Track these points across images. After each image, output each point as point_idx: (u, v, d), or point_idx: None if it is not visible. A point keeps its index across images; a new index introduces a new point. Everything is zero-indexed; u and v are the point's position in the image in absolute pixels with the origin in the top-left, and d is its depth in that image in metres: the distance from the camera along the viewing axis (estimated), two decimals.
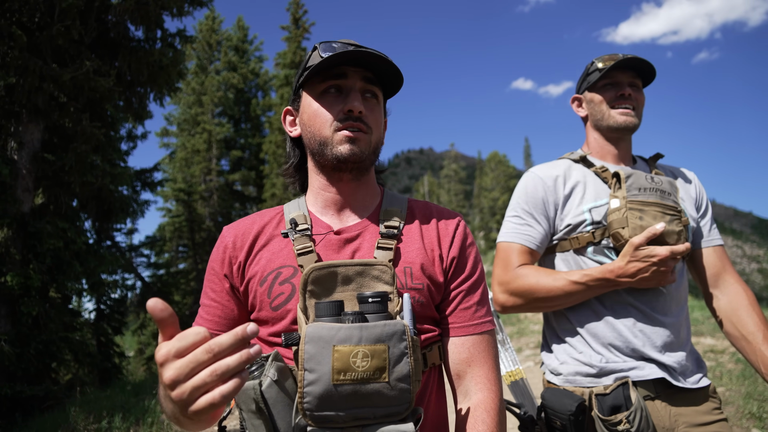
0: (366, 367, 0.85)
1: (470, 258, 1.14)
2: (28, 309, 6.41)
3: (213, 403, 0.68)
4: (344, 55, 1.02)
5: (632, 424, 1.31)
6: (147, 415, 5.40)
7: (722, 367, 6.20)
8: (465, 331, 1.08)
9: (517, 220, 1.64)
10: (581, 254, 1.58)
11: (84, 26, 6.84)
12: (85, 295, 10.14)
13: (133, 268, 13.46)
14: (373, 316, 0.91)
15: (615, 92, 1.65)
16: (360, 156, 1.06)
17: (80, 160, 7.07)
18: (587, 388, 1.49)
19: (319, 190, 1.15)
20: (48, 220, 6.96)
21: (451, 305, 1.10)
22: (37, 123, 6.88)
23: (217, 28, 23.43)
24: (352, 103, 1.05)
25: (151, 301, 0.69)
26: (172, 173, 20.86)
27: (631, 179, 1.52)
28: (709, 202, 1.72)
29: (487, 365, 1.08)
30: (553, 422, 1.42)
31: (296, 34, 20.87)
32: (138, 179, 12.43)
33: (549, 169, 1.67)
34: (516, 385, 1.53)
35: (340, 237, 1.09)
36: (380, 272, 1.01)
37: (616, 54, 1.65)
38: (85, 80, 6.65)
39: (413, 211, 1.17)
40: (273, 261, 1.06)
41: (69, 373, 8.39)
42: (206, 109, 21.36)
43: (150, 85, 8.12)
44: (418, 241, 1.10)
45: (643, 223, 1.45)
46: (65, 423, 5.16)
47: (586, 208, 1.58)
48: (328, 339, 0.86)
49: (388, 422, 0.89)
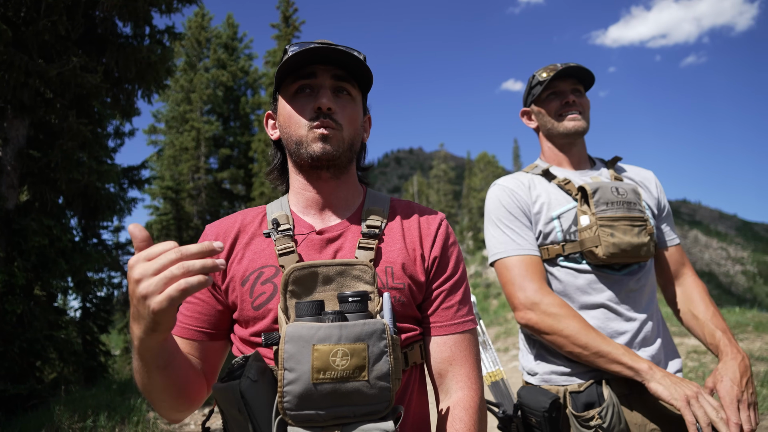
0: (345, 366, 0.86)
1: (452, 257, 1.16)
2: (12, 307, 6.34)
3: (180, 291, 0.75)
4: (309, 52, 1.04)
5: (604, 419, 1.36)
6: (132, 414, 5.38)
7: (705, 367, 6.32)
8: (447, 330, 1.10)
9: (508, 231, 1.66)
10: (552, 265, 1.64)
11: (71, 22, 6.78)
12: (71, 293, 10.04)
13: (120, 266, 13.31)
14: (353, 315, 0.92)
15: (560, 101, 1.72)
16: (333, 153, 1.08)
17: (66, 156, 7.01)
18: (562, 387, 1.54)
19: (300, 190, 1.17)
20: (33, 218, 6.89)
21: (433, 305, 1.11)
22: (23, 119, 6.81)
23: (207, 25, 23.30)
24: (320, 100, 1.06)
25: (131, 225, 0.78)
26: (160, 171, 20.72)
27: (597, 194, 1.57)
28: (666, 200, 1.79)
29: (468, 364, 1.10)
30: (529, 419, 1.46)
31: (286, 32, 20.81)
32: (125, 177, 12.31)
33: (514, 180, 1.74)
34: (496, 386, 1.57)
35: (322, 237, 1.10)
36: (361, 272, 1.02)
37: (555, 64, 1.73)
38: (72, 76, 6.58)
39: (395, 211, 1.18)
40: (255, 261, 1.08)
41: (54, 371, 8.30)
42: (195, 106, 21.24)
43: (138, 82, 8.06)
44: (399, 241, 1.11)
45: (614, 240, 1.51)
46: (49, 422, 5.11)
47: (555, 214, 1.63)
48: (307, 338, 0.86)
49: (368, 421, 0.89)
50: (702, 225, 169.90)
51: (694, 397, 1.31)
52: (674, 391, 1.33)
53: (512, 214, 1.66)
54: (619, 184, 1.62)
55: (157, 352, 0.90)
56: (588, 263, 1.60)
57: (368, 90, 1.20)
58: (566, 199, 1.65)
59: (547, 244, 1.64)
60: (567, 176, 1.72)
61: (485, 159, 50.93)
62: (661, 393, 1.35)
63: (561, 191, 1.67)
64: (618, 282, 1.59)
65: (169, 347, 0.95)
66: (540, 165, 1.80)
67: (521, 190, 1.69)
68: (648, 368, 1.40)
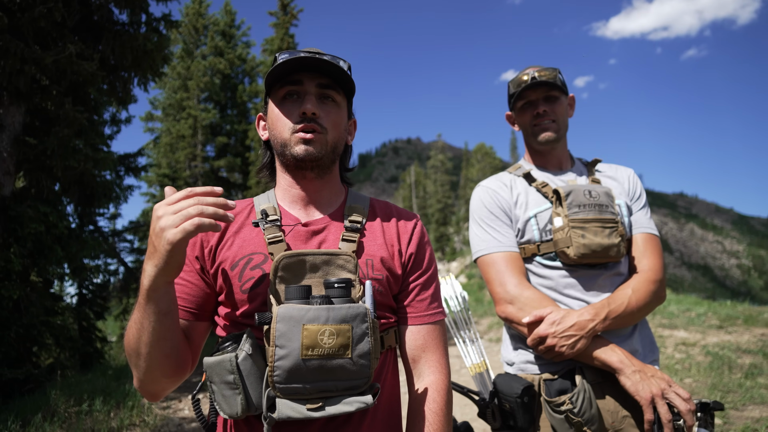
0: (332, 344, 0.96)
1: (427, 255, 1.27)
2: (8, 293, 6.39)
3: (195, 225, 0.90)
4: (297, 60, 1.12)
5: (575, 404, 1.42)
6: (128, 399, 5.45)
7: (692, 359, 6.42)
8: (421, 320, 1.21)
9: (490, 230, 1.74)
10: (529, 262, 1.72)
11: (67, 9, 6.76)
12: (67, 279, 10.11)
13: (116, 253, 13.36)
14: (338, 299, 1.01)
15: (532, 112, 1.78)
16: (316, 155, 1.16)
17: (62, 144, 7.02)
18: (537, 375, 1.62)
19: (286, 187, 1.25)
20: (29, 204, 6.92)
21: (409, 296, 1.22)
22: (19, 106, 6.81)
23: (204, 12, 23.11)
24: (305, 105, 1.14)
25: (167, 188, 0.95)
26: (156, 158, 20.64)
27: (570, 197, 1.63)
28: (643, 194, 1.84)
29: (439, 351, 1.22)
30: (504, 405, 1.52)
31: (284, 20, 20.66)
32: (122, 164, 12.30)
33: (496, 181, 1.82)
34: (480, 376, 1.65)
35: (307, 229, 1.19)
36: (344, 261, 1.11)
37: (527, 72, 1.76)
38: (68, 63, 6.58)
39: (375, 210, 1.28)
40: (244, 248, 1.15)
41: (50, 357, 8.38)
42: (192, 94, 21.13)
43: (134, 69, 8.05)
44: (379, 237, 1.21)
45: (585, 241, 1.57)
46: (46, 405, 5.19)
47: (532, 213, 1.71)
48: (298, 318, 0.95)
49: (349, 394, 0.99)
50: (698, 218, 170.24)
51: (659, 394, 1.39)
52: (641, 388, 1.41)
53: (493, 214, 1.74)
54: (593, 186, 1.68)
55: (162, 293, 0.99)
56: (562, 262, 1.67)
57: (352, 96, 1.29)
58: (543, 201, 1.72)
59: (524, 243, 1.71)
60: (546, 179, 1.79)
61: (483, 150, 50.87)
62: (629, 387, 1.43)
63: (539, 193, 1.75)
64: (592, 278, 1.65)
65: (172, 295, 1.03)
66: (523, 167, 1.87)
67: (503, 191, 1.78)
68: (618, 361, 1.47)
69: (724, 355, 6.37)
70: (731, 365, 5.96)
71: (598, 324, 1.50)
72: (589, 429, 1.43)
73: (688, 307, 10.56)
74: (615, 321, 1.53)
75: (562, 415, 1.45)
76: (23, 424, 4.63)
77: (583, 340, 1.49)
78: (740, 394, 4.91)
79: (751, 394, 4.86)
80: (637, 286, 1.60)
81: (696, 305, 10.90)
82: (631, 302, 1.56)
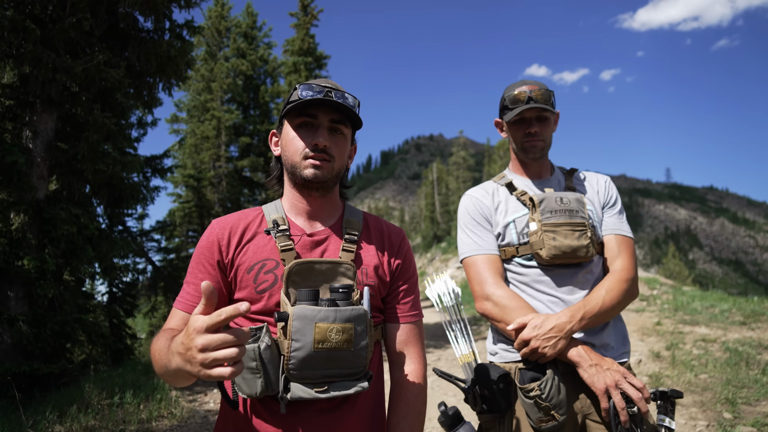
0: (338, 340, 1.17)
1: (411, 264, 1.50)
2: (43, 291, 6.68)
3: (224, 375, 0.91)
4: (315, 101, 1.30)
5: (543, 391, 1.57)
6: (156, 392, 5.70)
7: (709, 355, 6.38)
8: (405, 320, 1.45)
9: (473, 235, 1.91)
10: (509, 262, 1.89)
11: (95, 18, 7.03)
12: (98, 278, 10.49)
13: (144, 253, 13.75)
14: (341, 302, 1.21)
15: (523, 129, 1.90)
16: (322, 179, 1.35)
17: (92, 148, 7.31)
18: (514, 364, 1.80)
19: (293, 201, 1.44)
20: (62, 207, 7.22)
21: (395, 299, 1.44)
22: (51, 113, 7.11)
23: (226, 15, 23.49)
24: (318, 138, 1.32)
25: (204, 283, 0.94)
26: (181, 159, 21.10)
27: (543, 204, 1.79)
28: (618, 199, 1.96)
29: (418, 345, 1.47)
30: (483, 391, 1.68)
31: (305, 20, 20.92)
32: (148, 165, 12.65)
33: (480, 190, 1.99)
34: (468, 366, 1.79)
35: (311, 239, 1.38)
36: (345, 269, 1.32)
37: (523, 90, 1.86)
38: (96, 71, 6.85)
39: (368, 223, 1.49)
40: (258, 253, 1.34)
41: (83, 353, 8.72)
42: (215, 95, 21.53)
43: (159, 75, 8.31)
44: (372, 249, 1.42)
45: (556, 243, 1.73)
46: (80, 398, 5.46)
47: (511, 219, 1.87)
48: (311, 317, 1.16)
49: (349, 380, 1.22)
50: (729, 212, 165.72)
51: (613, 385, 1.55)
52: (596, 380, 1.58)
53: (475, 220, 1.92)
54: (565, 194, 1.83)
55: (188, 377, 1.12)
56: (537, 263, 1.82)
57: (358, 128, 1.46)
58: (521, 208, 1.89)
59: (505, 245, 1.88)
60: (525, 187, 1.96)
61: (505, 146, 50.42)
62: (586, 379, 1.61)
63: (518, 201, 1.92)
64: (566, 277, 1.81)
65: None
66: (507, 176, 2.04)
67: (485, 199, 1.95)
68: (577, 355, 1.64)
69: (744, 352, 6.31)
70: (749, 361, 5.92)
71: (575, 325, 1.66)
72: (557, 413, 1.58)
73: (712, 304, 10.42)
74: (591, 320, 1.68)
75: (531, 400, 1.60)
76: (60, 415, 4.90)
77: (563, 341, 1.64)
78: (755, 389, 4.89)
79: (766, 389, 4.84)
80: (610, 286, 1.74)
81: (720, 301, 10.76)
82: (605, 302, 1.70)
